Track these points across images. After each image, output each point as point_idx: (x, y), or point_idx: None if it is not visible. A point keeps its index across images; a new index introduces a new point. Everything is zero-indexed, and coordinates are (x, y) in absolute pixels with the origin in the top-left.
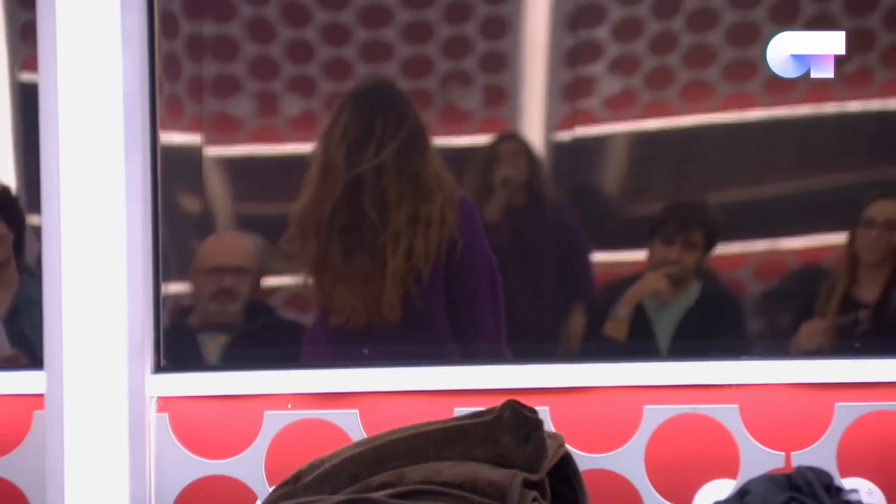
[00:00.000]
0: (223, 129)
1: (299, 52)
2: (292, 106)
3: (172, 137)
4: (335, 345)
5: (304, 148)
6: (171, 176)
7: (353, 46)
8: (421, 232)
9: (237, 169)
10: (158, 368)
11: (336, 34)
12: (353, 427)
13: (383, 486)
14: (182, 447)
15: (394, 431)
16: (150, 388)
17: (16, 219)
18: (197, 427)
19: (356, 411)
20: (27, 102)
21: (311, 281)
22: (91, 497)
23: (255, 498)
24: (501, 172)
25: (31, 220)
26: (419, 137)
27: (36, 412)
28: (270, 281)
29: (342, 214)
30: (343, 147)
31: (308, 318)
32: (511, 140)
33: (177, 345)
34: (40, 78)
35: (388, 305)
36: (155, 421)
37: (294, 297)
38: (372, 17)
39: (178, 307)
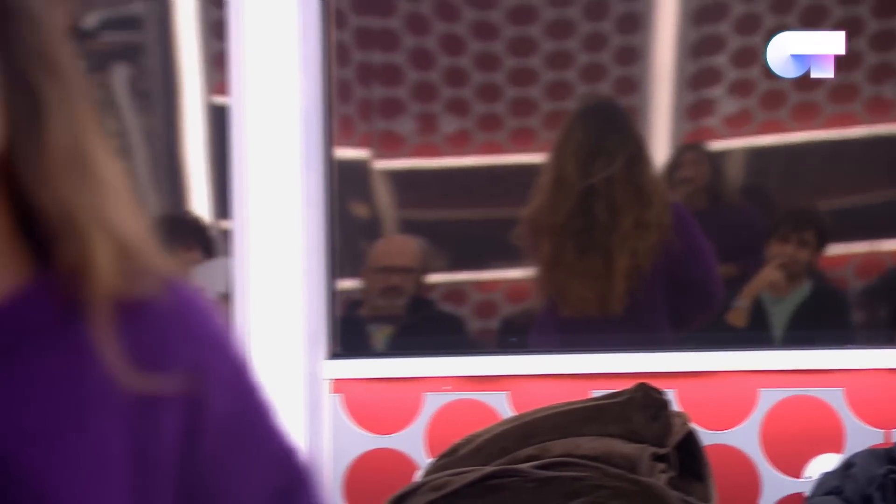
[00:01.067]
0: (389, 145)
1: (455, 77)
2: (449, 125)
3: (345, 152)
4: (566, 333)
5: (461, 162)
6: (344, 186)
7: (502, 73)
8: (643, 234)
9: (401, 180)
10: (333, 355)
11: (486, 61)
12: (503, 407)
13: (529, 458)
14: (353, 423)
15: (539, 410)
16: (325, 371)
17: (207, 244)
18: (366, 406)
19: (506, 393)
20: (218, 122)
21: (543, 276)
22: None
23: (417, 468)
24: (682, 174)
25: (222, 224)
26: (641, 151)
27: None
28: (432, 278)
29: (576, 219)
30: (575, 159)
31: (463, 312)
32: (693, 150)
33: (349, 334)
34: (231, 101)
35: (615, 299)
36: (330, 401)
37: (452, 292)
38: (518, 47)
39: (350, 301)
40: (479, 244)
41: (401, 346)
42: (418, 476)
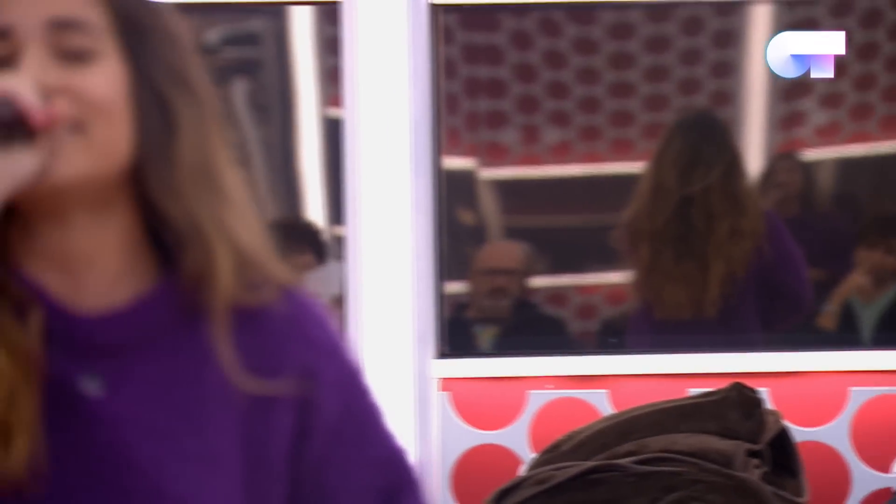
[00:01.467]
0: (494, 155)
1: (557, 90)
2: (551, 136)
3: (452, 162)
4: (662, 335)
5: (562, 171)
6: (451, 194)
7: (602, 86)
8: (738, 241)
9: (505, 188)
10: (441, 354)
11: (587, 75)
12: (603, 405)
13: (628, 453)
14: (460, 420)
15: (637, 408)
16: (433, 370)
17: (321, 249)
18: (472, 403)
19: (606, 391)
20: (333, 133)
21: (640, 279)
22: None
23: (521, 463)
24: (776, 179)
25: (336, 231)
26: (737, 162)
27: None
28: (534, 281)
29: (673, 225)
30: (675, 168)
31: (564, 314)
32: (787, 159)
33: (456, 334)
34: (344, 113)
35: (710, 302)
36: (438, 398)
37: (553, 295)
38: (618, 62)
39: (457, 303)
40: (580, 249)
41: (505, 346)
42: (522, 470)
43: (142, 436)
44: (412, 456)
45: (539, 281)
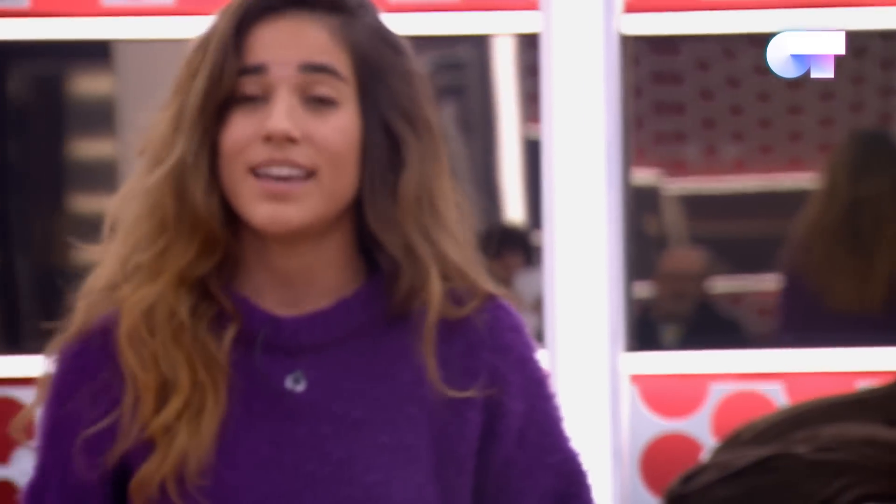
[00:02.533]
0: (677, 169)
1: (735, 111)
2: (729, 152)
3: (640, 176)
4: (833, 332)
5: (739, 184)
6: (639, 205)
7: (777, 106)
8: None
9: (688, 200)
10: (630, 349)
11: (762, 97)
12: (779, 397)
13: (802, 442)
14: (648, 410)
15: (811, 401)
16: (624, 365)
17: (528, 253)
18: (659, 395)
19: (781, 385)
20: (532, 152)
21: (812, 278)
22: (581, 443)
23: (703, 450)
24: None
25: (533, 238)
26: None
27: None
28: (714, 285)
29: (844, 227)
30: (846, 174)
31: (741, 314)
32: None
33: (643, 332)
34: (543, 132)
35: (878, 300)
36: (628, 390)
37: (731, 296)
38: (790, 84)
39: (645, 304)
40: (755, 255)
41: (688, 343)
42: (704, 457)
43: (338, 427)
44: (606, 441)
45: (718, 284)
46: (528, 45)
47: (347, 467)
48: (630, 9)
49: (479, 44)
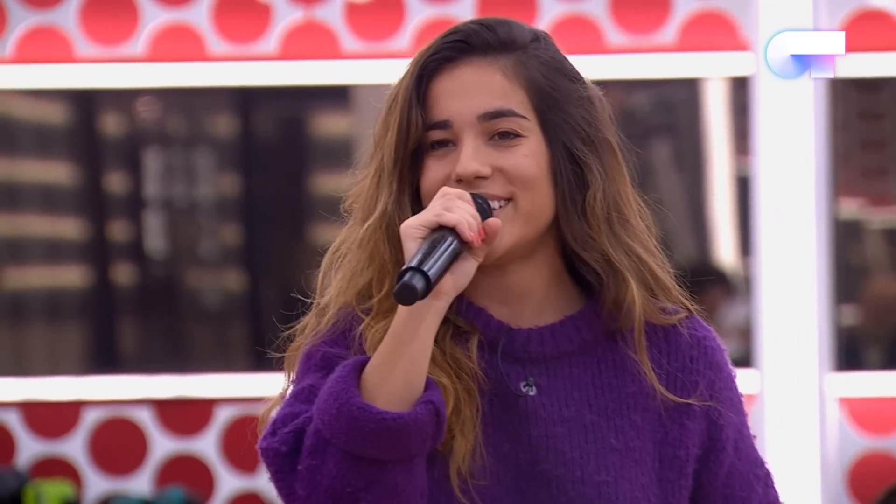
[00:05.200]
0: (879, 202)
1: None
2: None
3: (845, 208)
4: None
5: None
6: (844, 235)
7: None
8: None
9: (890, 232)
10: (838, 369)
11: None
12: None
13: None
14: (854, 429)
15: None
16: (830, 385)
17: (729, 287)
18: (864, 414)
19: None
20: (742, 187)
21: None
22: (789, 460)
23: None
24: None
25: (744, 269)
26: None
27: None
28: None
29: None
30: None
31: None
32: None
33: (849, 354)
34: (752, 168)
35: None
36: (834, 409)
37: None
38: None
39: (850, 327)
40: None
41: (891, 365)
42: None
43: (570, 430)
44: (814, 459)
45: None
46: (739, 85)
47: (580, 467)
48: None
49: (692, 85)
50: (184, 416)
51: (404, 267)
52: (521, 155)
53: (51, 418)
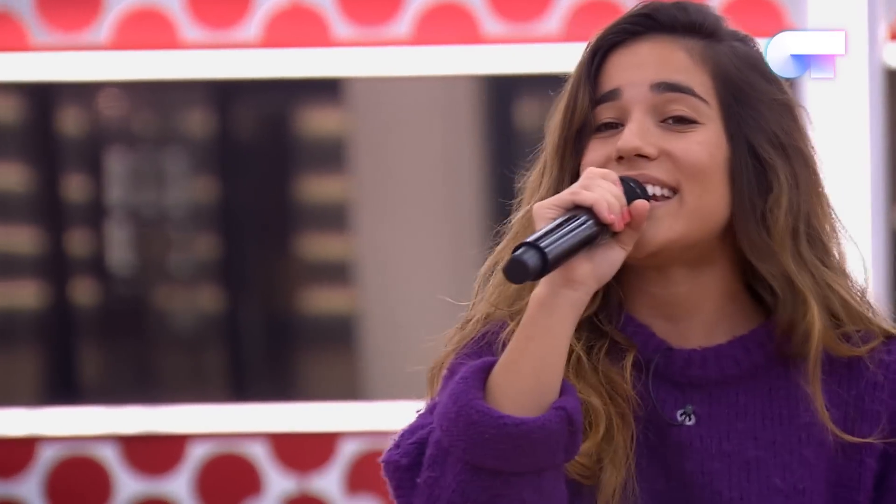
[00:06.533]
0: None
1: None
2: None
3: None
4: None
5: None
6: None
7: None
8: None
9: None
10: None
11: None
12: None
13: None
14: None
15: None
16: None
17: None
18: None
19: None
20: None
21: None
22: None
23: None
24: None
25: None
26: None
27: None
28: None
29: None
30: None
31: None
32: None
33: None
34: None
35: None
36: None
37: None
38: None
39: None
40: None
41: None
42: None
43: (729, 466)
44: None
45: None
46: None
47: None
48: None
49: None
50: (152, 453)
51: (519, 242)
52: (695, 141)
53: (1, 456)
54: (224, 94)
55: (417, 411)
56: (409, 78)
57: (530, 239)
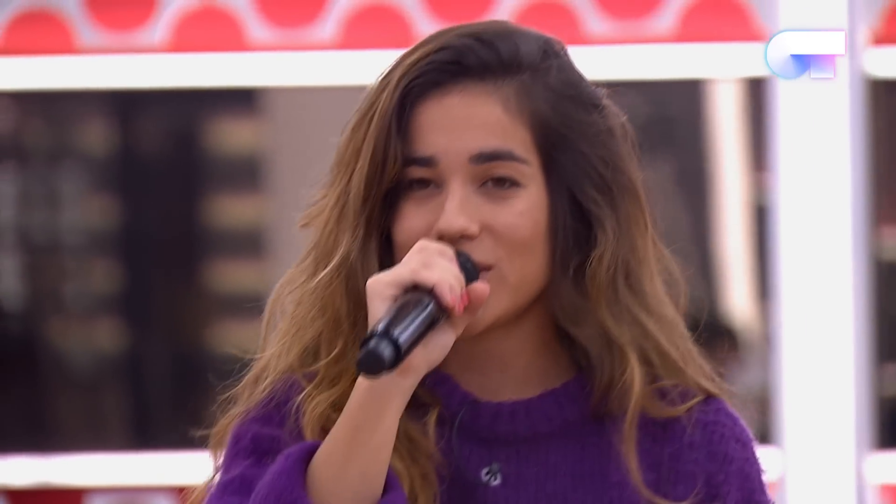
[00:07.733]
0: None
1: None
2: None
3: (889, 243)
4: None
5: None
6: (890, 275)
7: None
8: None
9: None
10: (880, 448)
11: None
12: None
13: None
14: None
15: None
16: (871, 469)
17: (736, 343)
18: None
19: None
20: (758, 218)
21: None
22: None
23: None
24: None
25: (760, 320)
26: None
27: None
28: None
29: None
30: None
31: None
32: None
33: (893, 427)
34: (771, 191)
35: None
36: (875, 499)
37: None
38: None
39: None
40: None
41: None
42: None
43: None
44: None
45: None
46: (753, 87)
47: None
48: (879, 41)
49: (694, 88)
50: None
51: (370, 331)
52: (517, 212)
53: None
54: (126, 104)
55: (208, 484)
56: (334, 87)
57: (380, 328)
